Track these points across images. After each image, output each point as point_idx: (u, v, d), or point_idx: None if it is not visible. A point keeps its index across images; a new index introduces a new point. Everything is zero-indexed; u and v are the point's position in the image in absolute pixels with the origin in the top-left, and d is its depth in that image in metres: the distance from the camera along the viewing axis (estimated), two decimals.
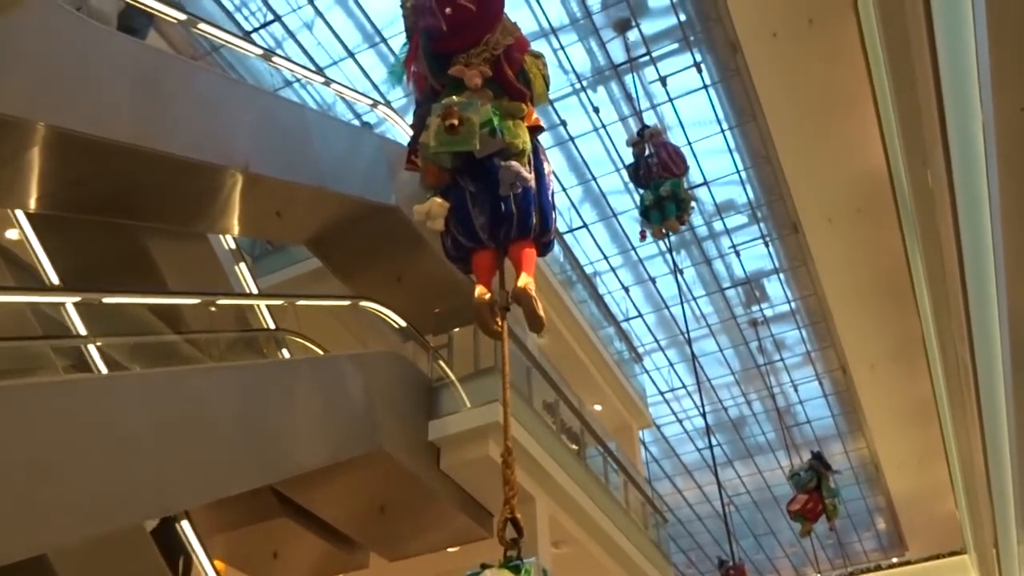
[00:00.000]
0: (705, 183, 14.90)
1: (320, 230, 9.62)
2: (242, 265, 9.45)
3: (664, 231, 8.99)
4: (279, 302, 9.33)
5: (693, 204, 9.41)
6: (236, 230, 8.63)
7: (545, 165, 3.51)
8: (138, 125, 6.71)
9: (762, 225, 15.78)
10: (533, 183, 3.35)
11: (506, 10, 3.58)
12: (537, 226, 3.36)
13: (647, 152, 9.30)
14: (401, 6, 3.62)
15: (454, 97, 3.33)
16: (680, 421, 20.55)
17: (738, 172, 14.68)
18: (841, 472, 11.95)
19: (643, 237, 9.25)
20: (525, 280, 3.23)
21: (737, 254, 16.40)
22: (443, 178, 3.39)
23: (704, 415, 17.16)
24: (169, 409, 5.86)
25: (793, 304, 17.53)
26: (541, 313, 3.22)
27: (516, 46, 3.55)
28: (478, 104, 3.32)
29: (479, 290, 3.22)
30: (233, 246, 9.43)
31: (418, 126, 3.52)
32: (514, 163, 3.27)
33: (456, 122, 3.24)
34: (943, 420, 14.85)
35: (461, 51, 3.46)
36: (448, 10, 3.38)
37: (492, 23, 3.50)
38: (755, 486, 22.67)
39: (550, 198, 3.45)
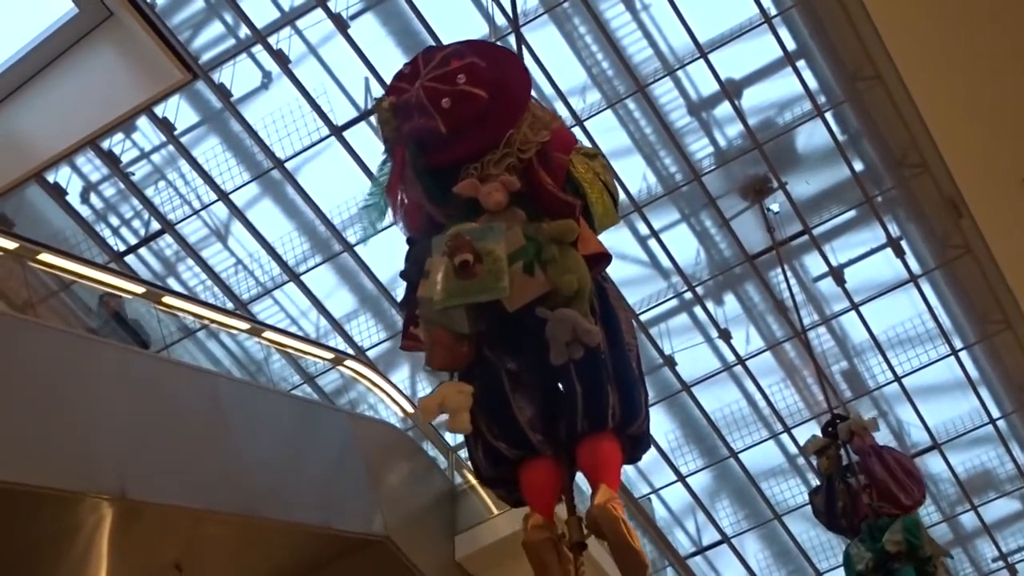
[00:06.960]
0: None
1: None
2: None
3: None
4: None
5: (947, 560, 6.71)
6: None
7: (619, 314, 3.16)
8: None
9: None
10: (602, 341, 2.92)
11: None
12: (617, 409, 2.91)
13: (844, 462, 6.66)
14: (376, 109, 3.24)
15: (466, 224, 3.00)
16: None
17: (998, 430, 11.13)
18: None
19: None
20: (606, 495, 2.74)
21: None
22: (460, 352, 2.98)
23: None
24: None
25: None
26: (637, 545, 2.73)
27: (555, 142, 3.16)
28: (502, 229, 2.92)
29: (534, 520, 2.81)
30: None
31: (413, 274, 3.17)
32: (568, 311, 2.83)
33: (470, 258, 2.83)
34: None
35: (471, 160, 3.09)
36: (446, 102, 3.05)
37: (515, 112, 3.14)
38: None
39: (632, 364, 3.03)
